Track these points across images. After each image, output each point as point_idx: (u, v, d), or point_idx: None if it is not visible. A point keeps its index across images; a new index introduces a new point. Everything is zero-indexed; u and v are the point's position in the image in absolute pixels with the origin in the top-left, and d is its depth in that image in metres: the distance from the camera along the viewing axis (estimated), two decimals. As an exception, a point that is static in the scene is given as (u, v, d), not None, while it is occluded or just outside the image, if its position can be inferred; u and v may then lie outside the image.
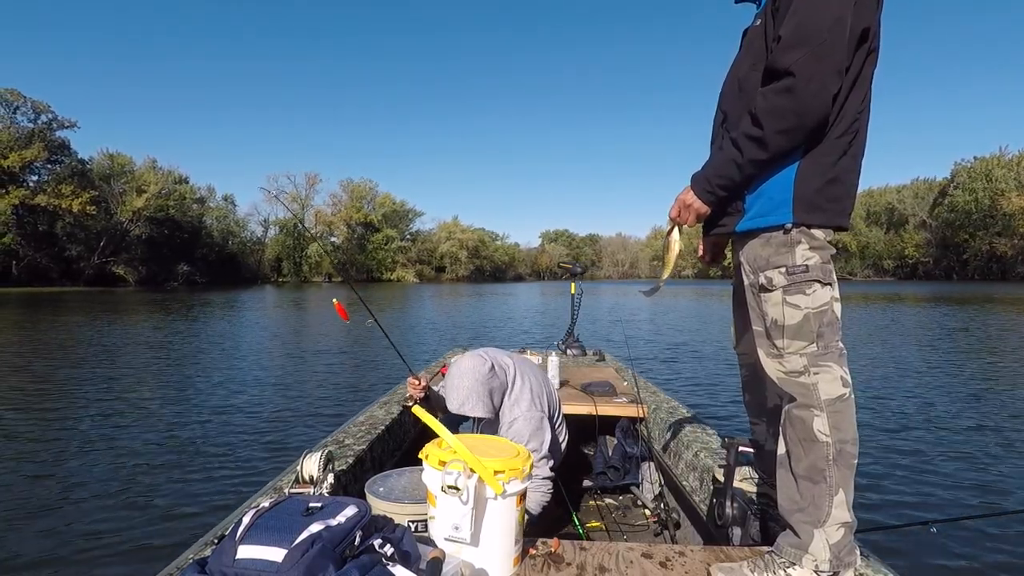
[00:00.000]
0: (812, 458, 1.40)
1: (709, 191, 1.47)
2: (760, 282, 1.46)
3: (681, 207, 1.53)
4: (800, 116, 1.30)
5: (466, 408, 2.37)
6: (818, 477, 1.39)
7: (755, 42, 1.45)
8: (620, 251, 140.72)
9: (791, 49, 1.28)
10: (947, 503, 4.01)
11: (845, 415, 1.41)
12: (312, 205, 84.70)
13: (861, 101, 1.40)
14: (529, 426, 2.43)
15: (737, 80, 1.49)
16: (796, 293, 1.41)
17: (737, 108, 1.46)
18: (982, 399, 7.16)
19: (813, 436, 1.40)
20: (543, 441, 2.45)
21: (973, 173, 76.47)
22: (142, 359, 10.05)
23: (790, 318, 1.42)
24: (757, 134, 1.34)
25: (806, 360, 1.42)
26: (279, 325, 17.39)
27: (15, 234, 47.28)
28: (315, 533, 1.13)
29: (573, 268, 6.25)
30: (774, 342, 1.46)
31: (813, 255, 1.41)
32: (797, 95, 1.28)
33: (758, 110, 1.33)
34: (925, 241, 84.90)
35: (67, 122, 54.51)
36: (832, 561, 1.38)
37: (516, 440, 2.42)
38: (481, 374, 2.37)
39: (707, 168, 1.48)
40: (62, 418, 5.93)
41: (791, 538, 1.44)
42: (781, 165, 1.40)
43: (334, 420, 5.50)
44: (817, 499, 1.39)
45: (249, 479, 4.15)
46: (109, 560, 3.02)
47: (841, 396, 1.41)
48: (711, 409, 6.41)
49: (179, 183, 64.36)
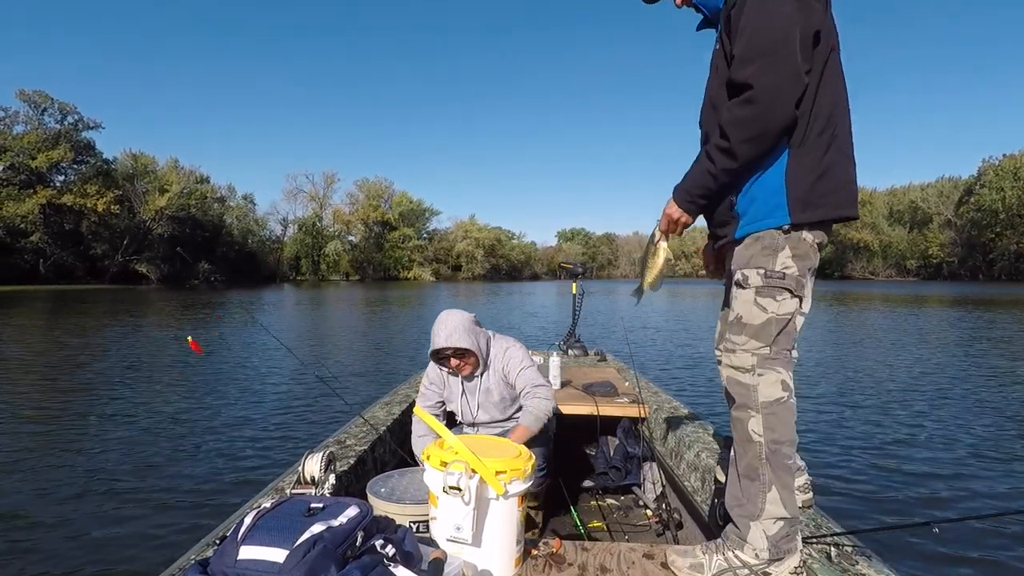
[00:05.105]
0: (749, 457, 1.51)
1: (690, 201, 1.56)
2: (737, 278, 1.53)
3: (669, 220, 1.61)
4: (763, 124, 1.37)
5: (453, 339, 2.49)
6: (753, 475, 1.50)
7: (719, 63, 1.53)
8: (637, 250, 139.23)
9: (745, 64, 1.36)
10: (950, 503, 3.97)
11: (781, 417, 1.49)
12: (330, 204, 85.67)
13: (835, 97, 1.46)
14: (523, 350, 2.68)
15: (710, 99, 1.59)
16: (767, 296, 1.48)
17: (712, 125, 1.53)
18: (990, 401, 7.06)
19: (749, 436, 1.50)
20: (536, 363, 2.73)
21: (1001, 171, 74.56)
22: (159, 358, 10.22)
23: (754, 318, 1.49)
24: (725, 145, 1.42)
25: (755, 360, 1.50)
26: (292, 324, 17.57)
27: (42, 233, 48.36)
28: (317, 534, 1.14)
29: (573, 268, 6.25)
30: (731, 337, 1.53)
31: (793, 265, 1.47)
32: (757, 105, 1.35)
33: (723, 123, 1.41)
34: (950, 240, 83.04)
35: (92, 123, 55.76)
36: (771, 550, 1.49)
37: (515, 361, 2.63)
38: (467, 317, 2.58)
39: (686, 181, 1.56)
40: (70, 415, 6.02)
41: (734, 528, 1.57)
42: (768, 170, 1.46)
43: (336, 420, 5.52)
44: (752, 496, 1.50)
45: (250, 479, 4.16)
46: (110, 560, 3.03)
47: (779, 399, 1.49)
48: (713, 409, 6.36)
49: (200, 182, 65.19)
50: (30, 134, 50.80)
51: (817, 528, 1.81)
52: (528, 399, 2.56)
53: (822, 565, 1.59)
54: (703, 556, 1.59)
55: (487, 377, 2.64)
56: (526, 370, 2.61)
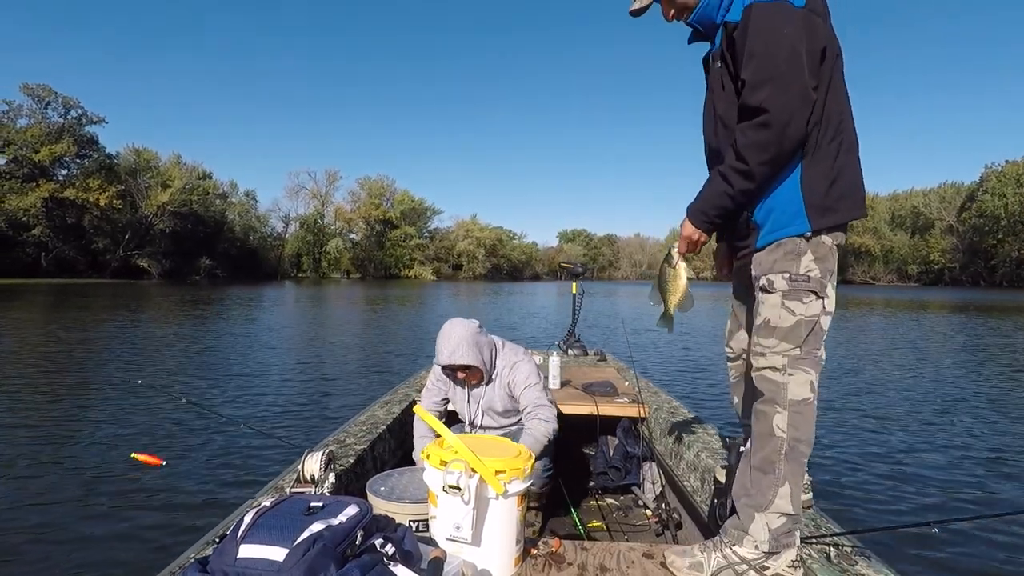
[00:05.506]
0: (767, 451, 1.53)
1: (707, 221, 1.61)
2: (762, 283, 1.55)
3: (688, 242, 1.67)
4: (778, 145, 1.43)
5: (456, 355, 2.46)
6: (769, 469, 1.53)
7: (725, 82, 1.57)
8: (638, 251, 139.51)
9: (757, 88, 1.41)
10: (950, 504, 3.98)
11: (805, 417, 1.52)
12: (332, 201, 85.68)
13: (841, 103, 1.52)
14: (531, 365, 2.64)
15: (719, 118, 1.61)
16: (794, 300, 1.51)
17: (724, 143, 1.58)
18: (989, 403, 7.08)
19: (772, 431, 1.52)
20: (543, 377, 2.70)
21: (1003, 177, 74.43)
22: (156, 354, 10.23)
23: (783, 321, 1.52)
24: (743, 168, 1.47)
25: (786, 361, 1.52)
26: (293, 322, 17.57)
27: (44, 227, 48.43)
28: (316, 532, 1.14)
29: (573, 268, 6.25)
30: (760, 341, 1.56)
31: (815, 267, 1.51)
32: (773, 128, 1.40)
33: (740, 146, 1.46)
34: (952, 246, 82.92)
35: (95, 117, 55.74)
36: (771, 543, 1.52)
37: (521, 377, 2.58)
38: (471, 329, 2.52)
39: (702, 201, 1.60)
40: (66, 411, 6.02)
41: (735, 521, 1.59)
42: (785, 182, 1.51)
43: (336, 419, 5.50)
44: (764, 488, 1.53)
45: (250, 478, 4.15)
46: (109, 558, 3.02)
47: (806, 400, 1.52)
48: (713, 409, 6.37)
49: (203, 178, 65.18)
50: (33, 128, 50.80)
51: (817, 528, 1.81)
52: (530, 419, 2.54)
53: (821, 565, 1.59)
54: (701, 555, 1.60)
55: (492, 388, 2.64)
56: (531, 388, 2.58)
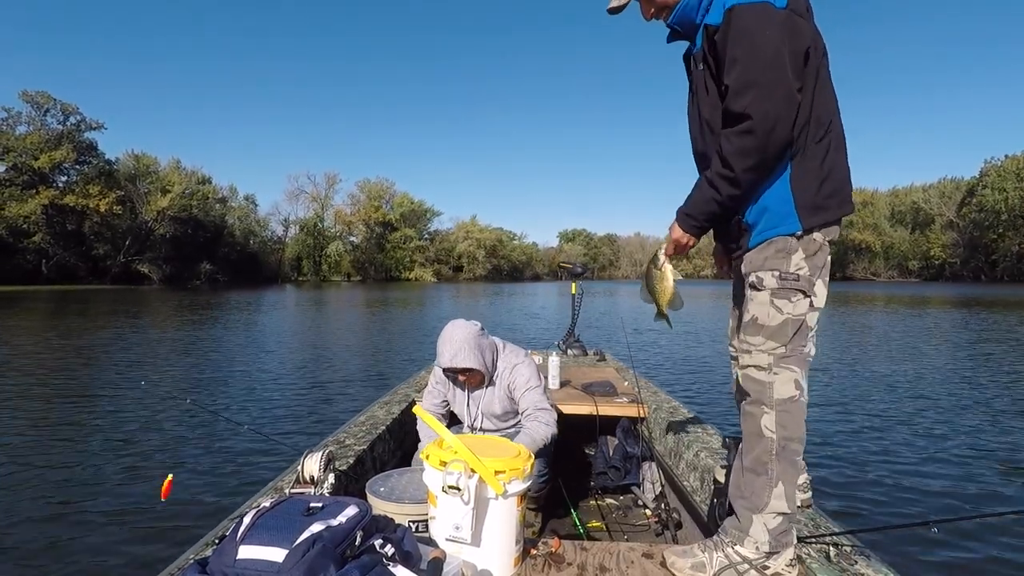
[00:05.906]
0: (758, 451, 1.54)
1: (696, 226, 1.61)
2: (751, 280, 1.55)
3: (676, 245, 1.68)
4: (763, 151, 1.41)
5: (458, 359, 2.47)
6: (761, 469, 1.53)
7: (708, 84, 1.55)
8: (638, 251, 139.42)
9: (741, 94, 1.39)
10: (949, 503, 3.97)
11: (793, 415, 1.53)
12: (332, 204, 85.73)
13: (828, 101, 1.51)
14: (532, 368, 2.64)
15: (705, 122, 1.60)
16: (783, 298, 1.51)
17: (710, 147, 1.56)
18: (990, 401, 7.06)
19: (760, 431, 1.53)
20: (544, 379, 2.70)
21: (1003, 172, 74.40)
22: (155, 358, 10.24)
23: (771, 319, 1.52)
24: (729, 175, 1.46)
25: (771, 359, 1.53)
26: (294, 325, 17.58)
27: (45, 233, 48.44)
28: (316, 533, 1.15)
29: (573, 268, 6.25)
30: (747, 338, 1.56)
31: (805, 265, 1.50)
32: (757, 134, 1.39)
33: (725, 153, 1.44)
34: (952, 241, 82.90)
35: (95, 123, 55.76)
36: (771, 543, 1.53)
37: (522, 379, 2.59)
38: (472, 332, 2.52)
39: (690, 207, 1.60)
40: (65, 416, 6.02)
41: (734, 522, 1.59)
42: (774, 183, 1.50)
43: (335, 419, 5.51)
44: (758, 490, 1.53)
45: (249, 479, 4.15)
46: (109, 560, 3.02)
47: (792, 397, 1.53)
48: (712, 409, 6.36)
49: (202, 183, 65.22)
50: (33, 135, 50.85)
51: (816, 528, 1.81)
52: (529, 421, 2.54)
53: (821, 565, 1.59)
54: (703, 555, 1.60)
55: (492, 391, 2.65)
56: (531, 391, 2.59)
